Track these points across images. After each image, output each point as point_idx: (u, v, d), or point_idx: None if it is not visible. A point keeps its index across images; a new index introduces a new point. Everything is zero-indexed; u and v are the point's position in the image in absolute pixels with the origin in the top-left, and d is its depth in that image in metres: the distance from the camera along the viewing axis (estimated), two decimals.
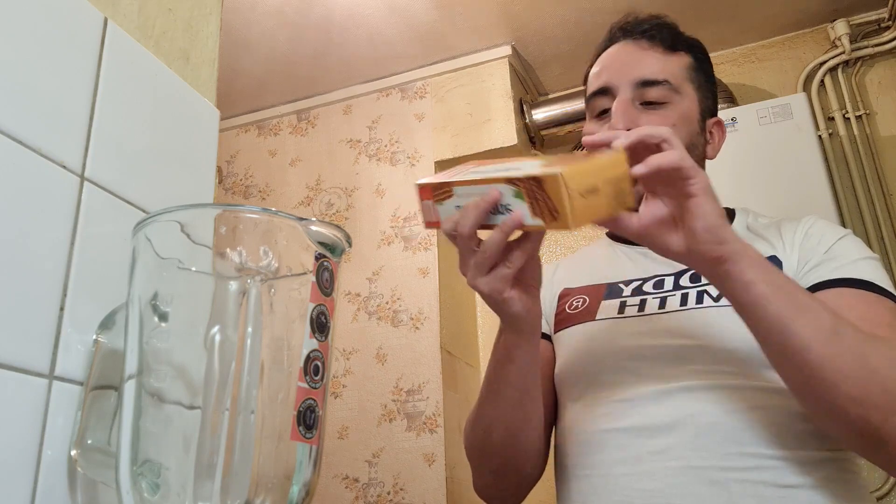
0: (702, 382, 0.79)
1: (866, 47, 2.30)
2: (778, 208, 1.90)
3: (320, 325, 0.48)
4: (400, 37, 2.41)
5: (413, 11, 2.29)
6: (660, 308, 0.87)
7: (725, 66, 2.44)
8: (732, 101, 2.26)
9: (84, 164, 0.57)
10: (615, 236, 1.05)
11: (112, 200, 0.60)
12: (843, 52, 2.30)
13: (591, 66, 1.01)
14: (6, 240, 0.50)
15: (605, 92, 0.93)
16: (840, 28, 2.30)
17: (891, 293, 0.80)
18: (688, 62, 0.95)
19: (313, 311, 0.48)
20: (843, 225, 2.13)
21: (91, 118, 0.59)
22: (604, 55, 0.99)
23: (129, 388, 0.48)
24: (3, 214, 0.50)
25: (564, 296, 0.98)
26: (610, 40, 0.99)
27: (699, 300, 0.85)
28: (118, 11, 0.64)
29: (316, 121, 2.73)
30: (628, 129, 0.84)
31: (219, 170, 2.81)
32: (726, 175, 2.04)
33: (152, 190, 0.64)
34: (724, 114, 2.12)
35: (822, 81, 2.34)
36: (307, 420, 0.46)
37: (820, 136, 2.23)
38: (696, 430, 0.77)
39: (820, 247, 0.86)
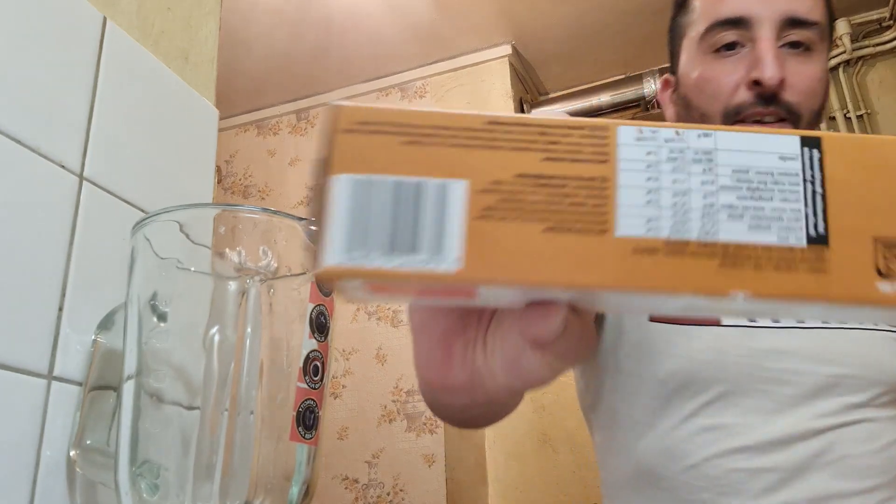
0: (854, 417, 0.69)
1: (867, 47, 2.30)
2: None
3: (320, 326, 0.48)
4: (399, 36, 2.41)
5: (413, 11, 2.28)
6: (798, 321, 0.73)
7: None
8: None
9: (83, 164, 0.57)
10: None
11: (111, 200, 0.59)
12: (844, 52, 2.30)
13: None
14: (5, 240, 0.50)
15: (738, 23, 0.74)
16: (841, 27, 2.30)
17: None
18: (826, 2, 0.78)
19: (313, 311, 0.47)
20: None
21: (90, 118, 0.58)
22: None
23: (128, 389, 0.47)
24: (2, 214, 0.50)
25: None
26: None
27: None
28: (117, 11, 0.64)
29: (315, 120, 2.73)
30: (781, 79, 0.72)
31: (218, 169, 2.80)
32: None
33: (151, 189, 0.64)
34: None
35: None
36: (306, 420, 0.46)
37: None
38: (851, 469, 0.67)
39: None
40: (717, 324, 0.73)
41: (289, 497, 0.46)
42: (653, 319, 0.76)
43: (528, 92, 2.62)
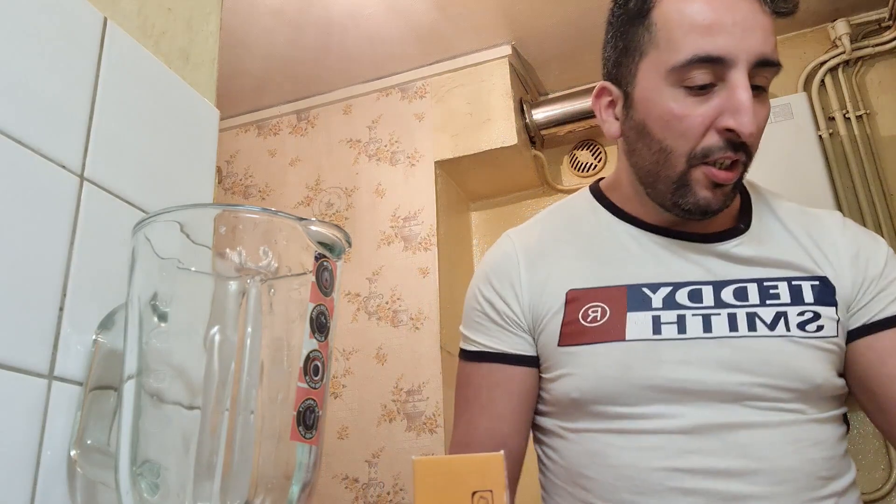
0: (762, 420, 0.71)
1: (867, 47, 2.30)
2: None
3: (320, 326, 0.48)
4: (400, 36, 2.41)
5: (413, 11, 2.28)
6: (705, 331, 0.73)
7: None
8: None
9: (84, 164, 0.57)
10: (615, 208, 0.84)
11: (111, 200, 0.60)
12: (844, 52, 2.30)
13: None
14: (5, 240, 0.50)
15: (717, 62, 0.70)
16: (840, 28, 2.30)
17: None
18: None
19: (313, 311, 0.47)
20: None
21: (91, 118, 0.59)
22: None
23: (129, 389, 0.47)
24: (3, 214, 0.50)
25: (574, 300, 0.78)
26: None
27: (751, 327, 0.73)
28: (118, 11, 0.64)
29: (316, 121, 2.73)
30: (753, 132, 0.70)
31: (218, 170, 2.81)
32: None
33: (152, 190, 0.64)
34: None
35: (823, 81, 2.33)
36: (307, 420, 0.46)
37: (820, 136, 2.23)
38: (772, 476, 0.69)
39: (878, 275, 0.78)
40: (622, 339, 0.75)
41: (289, 496, 0.46)
42: (566, 343, 0.78)
43: (528, 92, 2.62)
